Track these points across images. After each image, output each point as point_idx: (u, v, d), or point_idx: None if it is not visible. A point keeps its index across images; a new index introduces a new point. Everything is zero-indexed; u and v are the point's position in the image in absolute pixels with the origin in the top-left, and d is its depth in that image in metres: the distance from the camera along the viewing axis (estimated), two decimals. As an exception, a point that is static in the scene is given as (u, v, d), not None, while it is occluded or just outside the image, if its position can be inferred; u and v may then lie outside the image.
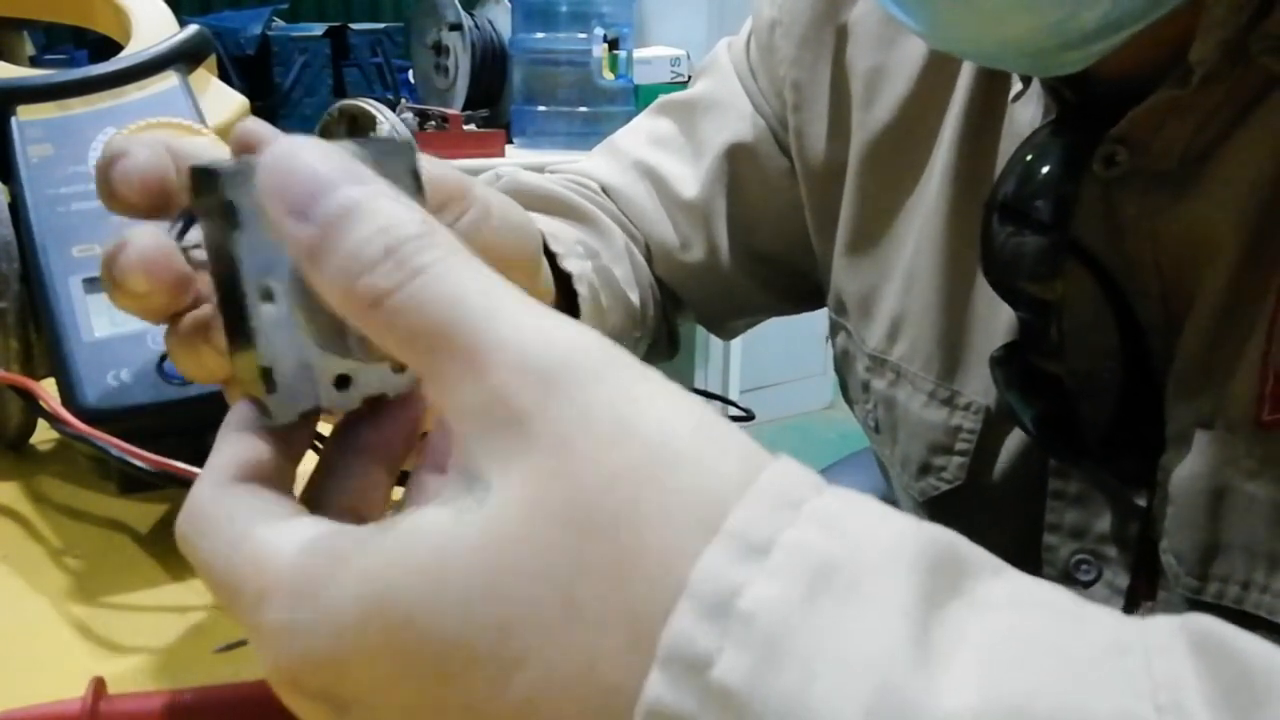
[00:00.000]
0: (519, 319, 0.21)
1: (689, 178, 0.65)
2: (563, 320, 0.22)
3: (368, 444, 0.26)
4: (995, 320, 0.52)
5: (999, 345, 0.51)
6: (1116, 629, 0.20)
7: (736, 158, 0.65)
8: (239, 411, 0.26)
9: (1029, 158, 0.47)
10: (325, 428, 0.28)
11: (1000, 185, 0.48)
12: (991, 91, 0.53)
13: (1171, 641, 0.20)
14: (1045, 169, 0.47)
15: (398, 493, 0.27)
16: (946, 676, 0.18)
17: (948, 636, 0.19)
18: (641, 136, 0.69)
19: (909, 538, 0.20)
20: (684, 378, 2.19)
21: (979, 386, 0.53)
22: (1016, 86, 0.50)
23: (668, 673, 0.19)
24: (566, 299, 0.51)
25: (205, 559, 0.23)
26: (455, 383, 0.21)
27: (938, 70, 0.56)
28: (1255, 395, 0.42)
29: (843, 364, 0.64)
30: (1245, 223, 0.43)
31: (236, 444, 0.25)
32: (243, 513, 0.23)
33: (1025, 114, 0.50)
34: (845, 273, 0.61)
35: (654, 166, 0.66)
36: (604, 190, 0.66)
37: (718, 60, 0.68)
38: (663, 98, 0.70)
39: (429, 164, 0.35)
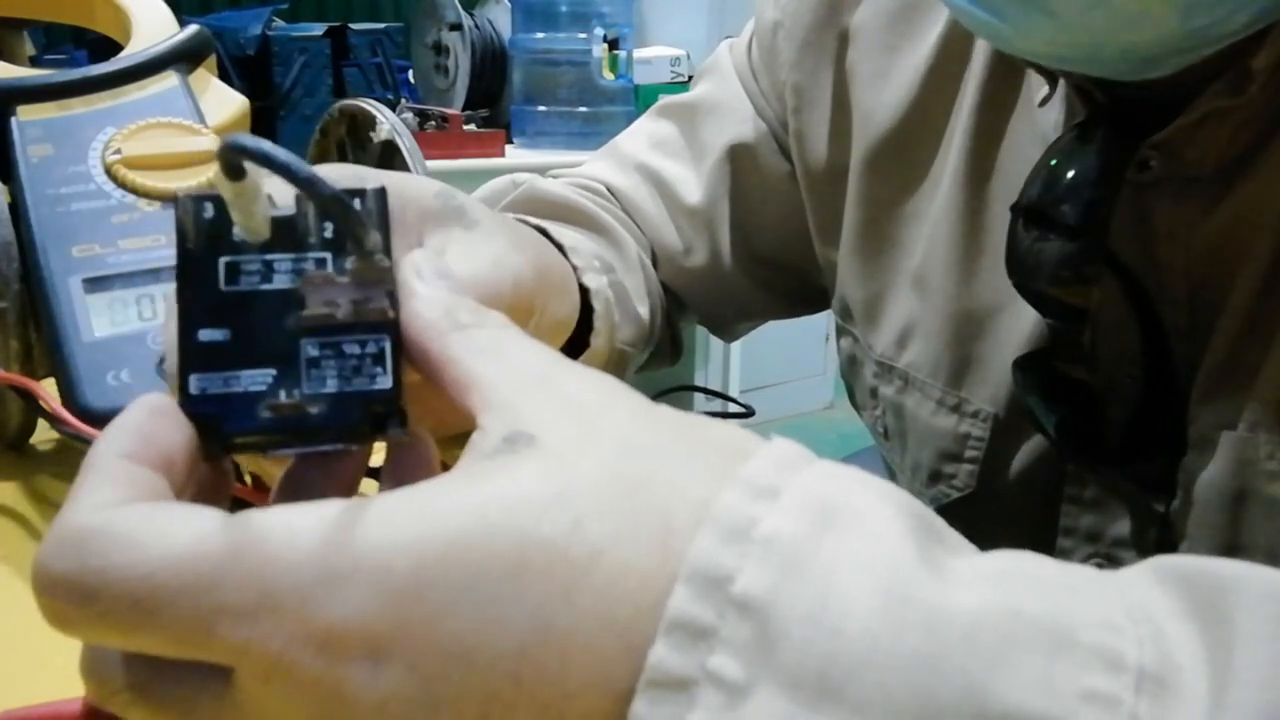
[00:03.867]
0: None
1: (692, 182, 0.65)
2: None
3: (313, 487, 0.27)
4: (1005, 328, 0.52)
5: (1014, 352, 0.50)
6: (1090, 570, 0.23)
7: (738, 159, 0.64)
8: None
9: (1053, 162, 0.47)
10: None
11: (1026, 189, 0.48)
12: (1005, 97, 0.53)
13: (1138, 576, 0.23)
14: (1072, 173, 0.46)
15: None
16: (949, 583, 0.21)
17: (943, 560, 0.22)
18: (643, 140, 0.68)
19: (894, 492, 0.23)
20: (684, 377, 2.20)
21: (987, 394, 0.53)
22: (1043, 91, 0.49)
23: (691, 587, 0.21)
24: (583, 307, 0.50)
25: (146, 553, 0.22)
26: (493, 363, 0.25)
27: (941, 75, 0.56)
28: (1277, 403, 0.42)
29: (849, 370, 0.64)
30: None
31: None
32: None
33: (1049, 118, 0.50)
34: (850, 278, 0.61)
35: (657, 170, 0.66)
36: (610, 193, 0.66)
37: (719, 62, 0.68)
38: (664, 100, 0.70)
39: (519, 281, 0.38)
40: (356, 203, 0.28)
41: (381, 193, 0.28)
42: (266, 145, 0.25)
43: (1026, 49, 0.44)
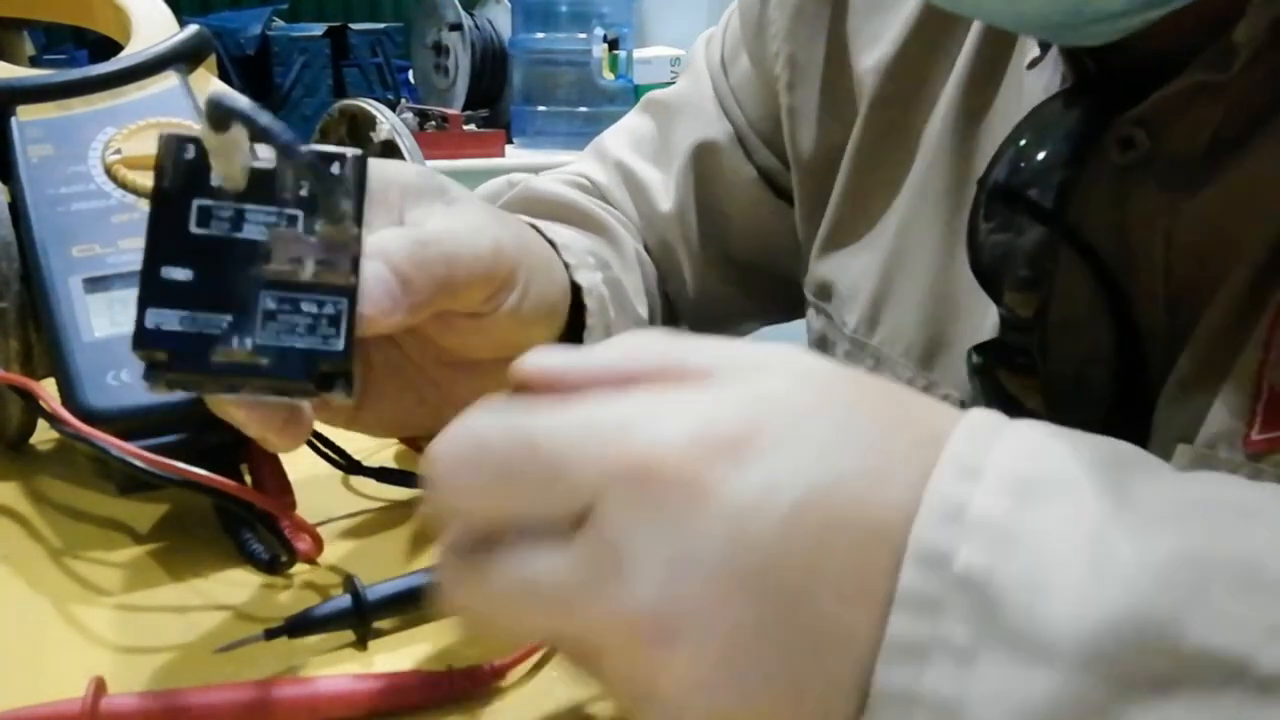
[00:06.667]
0: None
1: (664, 187, 0.64)
2: None
3: None
4: (980, 313, 0.48)
5: (979, 341, 0.47)
6: (1272, 485, 0.25)
7: (702, 161, 0.63)
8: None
9: (1023, 142, 0.43)
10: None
11: (992, 168, 0.44)
12: (996, 60, 0.49)
13: None
14: (1049, 150, 0.42)
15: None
16: (1144, 530, 0.23)
17: (1130, 508, 0.24)
18: (624, 137, 0.67)
19: (1081, 445, 0.25)
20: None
21: (956, 379, 0.50)
22: (1033, 52, 0.46)
23: (916, 567, 0.23)
24: (576, 308, 0.50)
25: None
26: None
27: (931, 33, 0.52)
28: (1244, 411, 0.37)
29: (818, 350, 0.60)
30: (1277, 219, 0.38)
31: None
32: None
33: (1039, 82, 0.45)
34: (831, 256, 0.58)
35: (634, 172, 0.65)
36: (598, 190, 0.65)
37: (694, 58, 0.67)
38: (649, 95, 0.69)
39: (499, 244, 0.40)
40: (335, 167, 0.28)
41: (360, 160, 0.29)
42: (249, 106, 0.25)
43: (955, 6, 0.41)
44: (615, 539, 0.24)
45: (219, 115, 0.26)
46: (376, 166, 0.39)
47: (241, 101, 0.25)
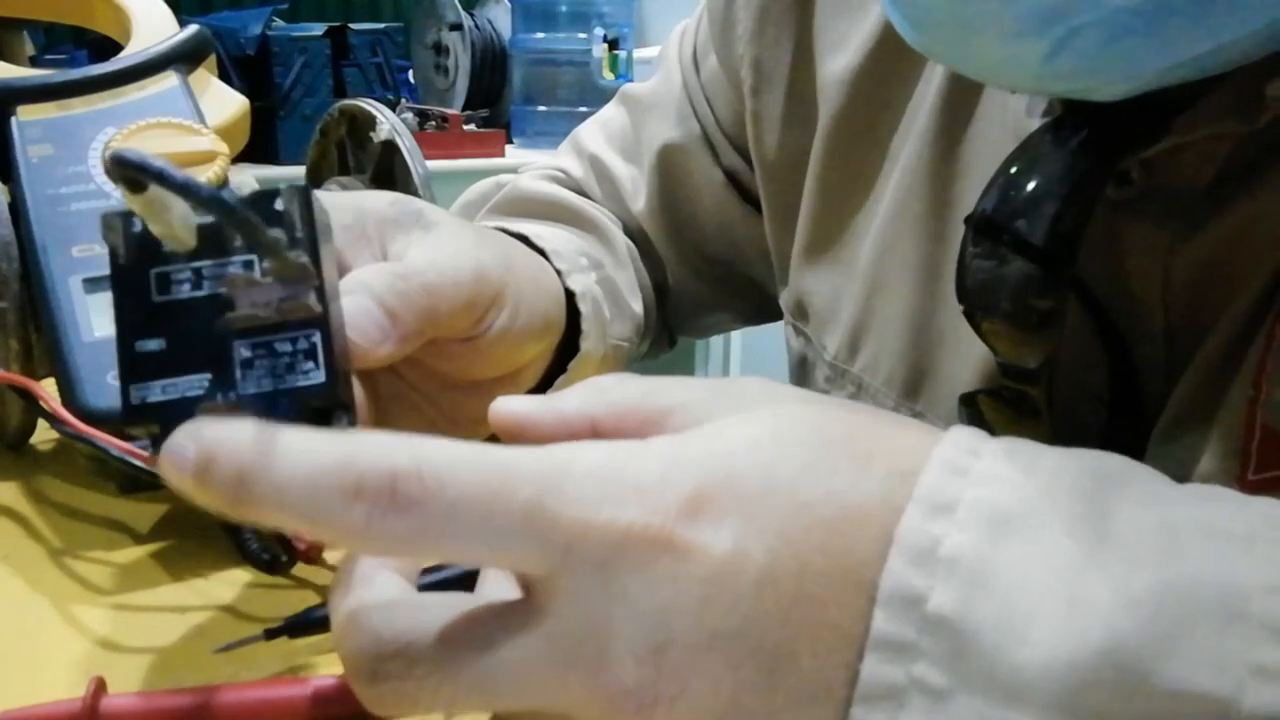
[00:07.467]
0: None
1: (637, 183, 0.63)
2: None
3: None
4: (966, 341, 0.44)
5: (972, 368, 0.45)
6: (1263, 505, 0.24)
7: (667, 163, 0.62)
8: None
9: (1013, 169, 0.40)
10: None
11: (983, 198, 0.40)
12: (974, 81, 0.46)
13: None
14: (1038, 181, 0.39)
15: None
16: (1123, 563, 0.23)
17: (1110, 539, 0.23)
18: (600, 131, 0.66)
19: (1057, 470, 0.24)
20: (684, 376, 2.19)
21: (943, 410, 0.48)
22: None
23: (888, 610, 0.23)
24: (571, 311, 0.50)
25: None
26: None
27: (895, 44, 0.48)
28: (1238, 450, 0.35)
29: (799, 371, 0.59)
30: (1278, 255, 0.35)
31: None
32: None
33: (1023, 101, 0.42)
34: (805, 274, 0.56)
35: (608, 168, 0.64)
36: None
37: (668, 52, 0.65)
38: (625, 87, 0.69)
39: (480, 268, 0.39)
40: (279, 203, 0.28)
41: (302, 191, 0.29)
42: (161, 163, 0.25)
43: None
44: (589, 617, 0.23)
45: (127, 175, 0.26)
46: (350, 199, 0.39)
47: (151, 160, 0.25)
